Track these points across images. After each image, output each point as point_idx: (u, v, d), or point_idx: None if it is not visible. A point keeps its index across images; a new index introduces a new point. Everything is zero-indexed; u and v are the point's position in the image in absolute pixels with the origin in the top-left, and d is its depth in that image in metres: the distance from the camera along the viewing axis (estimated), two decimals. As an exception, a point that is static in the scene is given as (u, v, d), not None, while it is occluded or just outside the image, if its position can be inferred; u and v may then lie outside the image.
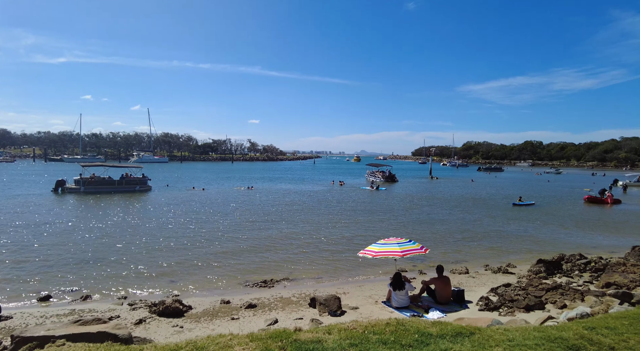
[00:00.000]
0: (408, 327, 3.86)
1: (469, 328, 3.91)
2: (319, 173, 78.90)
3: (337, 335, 3.63)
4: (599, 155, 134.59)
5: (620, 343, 3.53)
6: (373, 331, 3.70)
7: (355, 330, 3.74)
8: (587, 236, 20.71)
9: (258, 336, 3.52)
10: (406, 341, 3.48)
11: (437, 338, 3.61)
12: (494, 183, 58.99)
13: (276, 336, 3.52)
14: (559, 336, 3.59)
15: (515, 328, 4.07)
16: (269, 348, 3.20)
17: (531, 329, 3.95)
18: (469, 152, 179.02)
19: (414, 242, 10.32)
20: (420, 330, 3.76)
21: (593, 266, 13.37)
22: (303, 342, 3.35)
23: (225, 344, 3.27)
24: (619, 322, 4.05)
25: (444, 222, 23.82)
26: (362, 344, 3.42)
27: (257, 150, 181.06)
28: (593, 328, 3.91)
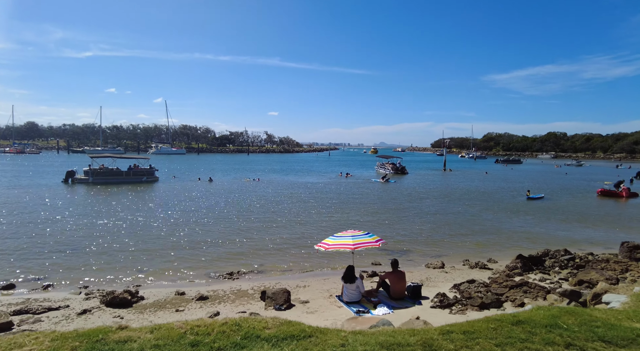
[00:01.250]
0: (244, 327, 3.66)
1: (313, 331, 3.66)
2: (330, 165, 78.62)
3: (156, 333, 3.47)
4: (628, 147, 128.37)
5: (460, 349, 3.20)
6: (197, 332, 3.52)
7: (179, 329, 3.58)
8: (588, 231, 19.77)
9: (66, 335, 3.41)
10: (221, 344, 3.29)
11: (261, 341, 3.40)
12: (508, 176, 57.19)
13: (89, 334, 3.41)
14: (399, 343, 3.29)
15: (371, 331, 3.79)
16: (59, 348, 3.09)
17: (387, 332, 3.67)
18: (490, 143, 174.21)
19: (371, 235, 10.03)
20: (251, 332, 3.55)
21: (575, 263, 12.71)
22: (107, 342, 3.22)
23: (20, 343, 3.19)
24: (485, 326, 3.71)
25: (440, 215, 23.23)
26: (169, 345, 3.26)
27: (274, 142, 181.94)
28: (451, 331, 3.59)
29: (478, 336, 3.48)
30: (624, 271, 11.44)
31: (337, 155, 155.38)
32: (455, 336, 3.48)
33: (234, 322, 3.82)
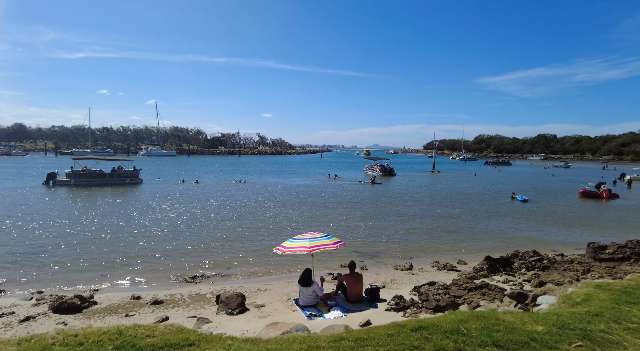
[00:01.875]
0: (124, 336, 3.51)
1: (197, 339, 3.53)
2: (320, 167, 78.51)
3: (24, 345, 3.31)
4: (615, 149, 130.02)
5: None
6: (68, 343, 3.35)
7: (50, 339, 3.42)
8: (564, 233, 19.85)
9: None
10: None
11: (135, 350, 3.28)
12: (495, 177, 57.53)
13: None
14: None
15: (265, 340, 3.66)
16: None
17: (277, 340, 3.54)
18: (481, 145, 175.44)
19: (329, 237, 9.90)
20: (128, 341, 3.40)
21: (541, 265, 12.71)
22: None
23: None
24: (384, 332, 3.60)
25: (419, 216, 23.20)
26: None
27: (266, 144, 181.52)
28: (343, 339, 3.47)
29: (369, 343, 3.36)
30: (586, 271, 11.45)
31: (329, 157, 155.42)
32: (345, 344, 3.36)
33: (117, 330, 3.67)
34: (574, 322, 3.82)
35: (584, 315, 4.00)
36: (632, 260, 12.18)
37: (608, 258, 12.42)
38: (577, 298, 4.70)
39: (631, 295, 4.57)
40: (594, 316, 3.98)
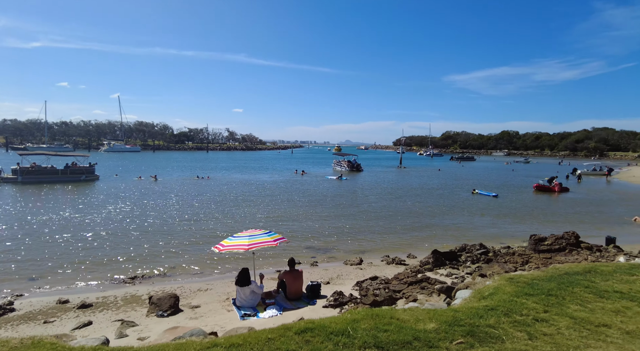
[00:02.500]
0: None
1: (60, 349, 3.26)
2: (289, 163, 78.06)
3: None
4: (571, 145, 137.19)
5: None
6: None
7: None
8: (514, 225, 20.55)
9: None
10: None
11: None
12: (459, 173, 59.19)
13: None
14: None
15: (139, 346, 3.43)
16: None
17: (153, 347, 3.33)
18: (448, 141, 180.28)
19: (270, 234, 9.66)
20: None
21: (486, 257, 13.05)
22: None
23: None
24: (265, 336, 3.45)
25: (378, 211, 23.38)
26: None
27: (236, 140, 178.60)
28: (216, 345, 3.30)
29: (242, 349, 3.18)
30: (525, 263, 11.85)
31: (300, 153, 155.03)
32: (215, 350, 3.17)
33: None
34: (467, 318, 3.81)
35: (480, 310, 4.00)
36: (567, 250, 12.73)
37: (546, 249, 12.92)
38: (487, 292, 4.73)
39: (534, 287, 4.65)
40: (488, 311, 3.99)
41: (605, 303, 4.10)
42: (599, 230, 19.54)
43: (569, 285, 4.68)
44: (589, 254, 12.45)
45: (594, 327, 3.69)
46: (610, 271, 5.39)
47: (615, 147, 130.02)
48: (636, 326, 3.71)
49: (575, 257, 12.12)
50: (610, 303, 4.10)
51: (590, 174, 54.82)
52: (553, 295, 4.29)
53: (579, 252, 12.62)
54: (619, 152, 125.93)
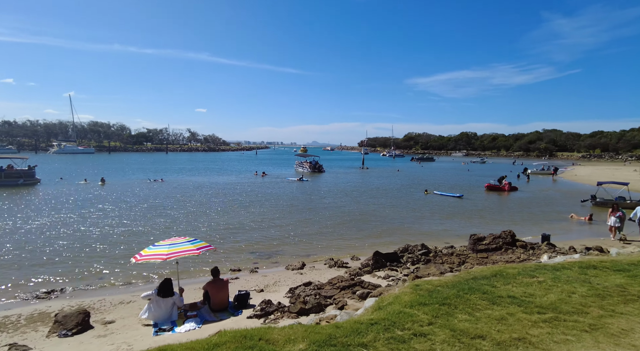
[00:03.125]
0: None
1: None
2: (251, 164, 76.79)
3: None
4: (524, 146, 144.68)
5: None
6: None
7: None
8: (461, 225, 21.02)
9: None
10: None
11: None
12: (417, 173, 60.55)
13: None
14: None
15: None
16: None
17: None
18: (410, 143, 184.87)
19: (195, 241, 9.11)
20: None
21: (426, 258, 13.12)
22: None
23: None
24: None
25: (331, 213, 23.21)
26: None
27: (198, 140, 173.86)
28: None
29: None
30: (461, 263, 12.00)
31: (265, 154, 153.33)
32: None
33: None
34: (343, 336, 3.56)
35: (362, 325, 3.78)
36: (503, 249, 13.06)
37: (484, 248, 13.19)
38: (385, 301, 4.52)
39: (433, 294, 4.50)
40: (370, 326, 3.78)
41: (493, 310, 4.00)
42: (539, 227, 20.40)
43: (469, 292, 4.57)
44: (522, 252, 12.83)
45: (469, 340, 3.55)
46: (514, 273, 5.36)
47: (563, 148, 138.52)
48: (509, 336, 3.61)
49: (509, 256, 12.44)
50: (498, 310, 4.00)
51: (539, 173, 57.85)
52: (447, 304, 4.15)
53: (514, 250, 12.98)
54: (566, 152, 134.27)
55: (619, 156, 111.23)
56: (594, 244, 15.89)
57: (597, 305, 4.04)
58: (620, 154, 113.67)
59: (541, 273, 5.39)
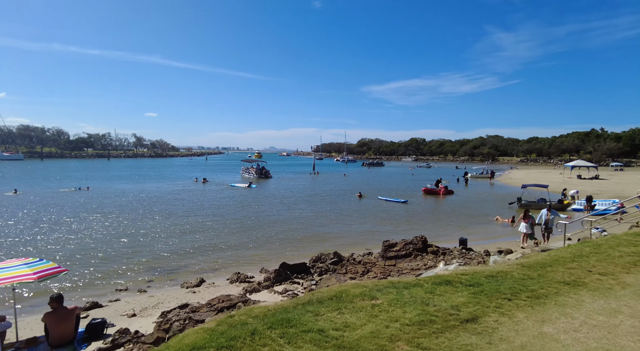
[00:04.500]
0: None
1: None
2: (195, 170, 73.67)
3: None
4: (469, 151, 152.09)
5: None
6: None
7: None
8: (388, 230, 20.76)
9: None
10: None
11: None
12: (363, 178, 60.98)
13: None
14: None
15: None
16: None
17: None
18: (363, 148, 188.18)
19: (38, 263, 7.66)
20: None
21: (334, 267, 12.44)
22: None
23: None
24: None
25: (260, 221, 22.13)
26: None
27: (144, 146, 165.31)
28: None
29: None
30: (366, 272, 11.41)
31: (216, 160, 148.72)
32: None
33: None
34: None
35: None
36: (413, 255, 12.68)
37: (393, 255, 12.74)
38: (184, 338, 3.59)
39: (227, 332, 3.62)
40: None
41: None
42: (464, 230, 20.64)
43: (278, 324, 3.77)
44: (431, 258, 12.52)
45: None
46: (356, 294, 4.66)
47: (504, 153, 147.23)
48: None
49: (417, 263, 12.06)
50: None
51: (478, 177, 60.39)
52: (229, 348, 3.27)
53: (424, 256, 12.64)
54: (507, 157, 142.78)
55: (551, 160, 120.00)
56: (508, 247, 16.13)
57: (407, 338, 3.38)
58: (552, 158, 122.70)
59: (388, 292, 4.73)
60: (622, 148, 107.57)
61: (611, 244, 7.53)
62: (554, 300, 4.37)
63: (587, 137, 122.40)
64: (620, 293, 4.64)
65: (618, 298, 4.49)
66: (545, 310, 4.08)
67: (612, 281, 5.08)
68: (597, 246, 7.44)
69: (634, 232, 9.28)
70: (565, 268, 5.76)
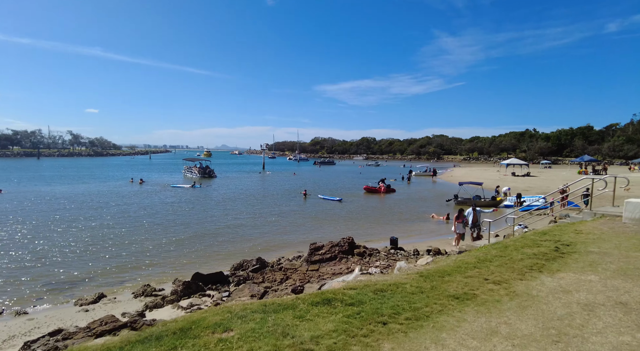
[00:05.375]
0: None
1: None
2: (134, 170, 69.13)
3: None
4: (416, 150, 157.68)
5: None
6: None
7: None
8: (325, 230, 20.22)
9: None
10: None
11: None
12: (311, 176, 60.56)
13: None
14: None
15: None
16: None
17: None
18: (316, 147, 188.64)
19: None
20: None
21: (254, 275, 11.56)
22: None
23: None
24: None
25: (186, 225, 20.66)
26: None
27: (82, 144, 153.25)
28: None
29: None
30: (284, 280, 10.67)
31: (162, 159, 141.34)
32: None
33: None
34: None
35: None
36: (337, 258, 12.14)
37: (318, 259, 12.12)
38: None
39: None
40: None
41: None
42: (399, 228, 20.66)
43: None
44: (356, 261, 12.05)
45: None
46: (210, 324, 3.83)
47: (449, 151, 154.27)
48: None
49: (340, 266, 11.53)
50: None
51: (421, 175, 62.32)
52: None
53: (348, 259, 12.14)
54: (451, 155, 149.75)
55: (491, 158, 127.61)
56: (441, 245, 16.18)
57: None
58: (492, 157, 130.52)
59: (250, 319, 3.95)
60: (551, 148, 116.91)
61: (517, 245, 7.35)
62: (434, 322, 3.84)
63: (522, 137, 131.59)
64: (505, 307, 4.24)
65: (501, 314, 4.06)
66: (418, 337, 3.51)
67: (503, 291, 4.70)
68: (504, 248, 7.23)
69: (541, 230, 9.34)
70: (463, 277, 5.34)
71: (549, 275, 5.29)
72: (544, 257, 6.36)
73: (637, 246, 6.84)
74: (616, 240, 7.38)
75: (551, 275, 5.28)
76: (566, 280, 5.12)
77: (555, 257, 6.33)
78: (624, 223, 9.37)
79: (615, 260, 6.05)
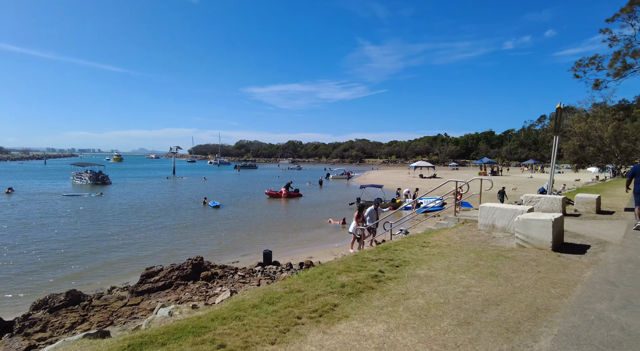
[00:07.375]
0: None
1: None
2: (10, 177, 59.08)
3: None
4: (340, 153, 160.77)
5: None
6: None
7: None
8: (202, 245, 17.72)
9: None
10: None
11: None
12: (224, 181, 57.07)
13: None
14: None
15: None
16: None
17: None
18: (242, 150, 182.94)
19: None
20: None
21: (48, 319, 8.70)
22: None
23: None
24: None
25: (65, 241, 16.65)
26: None
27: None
28: None
29: None
30: (82, 321, 8.02)
31: (60, 164, 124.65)
32: None
33: None
34: None
35: None
36: (174, 286, 9.80)
37: (148, 288, 9.65)
38: None
39: None
40: None
41: None
42: (289, 237, 19.01)
43: None
44: (199, 286, 9.81)
45: None
46: None
47: (370, 155, 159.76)
48: None
49: (172, 296, 9.20)
50: None
51: (338, 178, 62.35)
52: None
53: (187, 286, 9.85)
54: (372, 158, 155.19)
55: (407, 161, 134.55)
56: (324, 256, 14.71)
57: None
58: (408, 160, 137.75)
59: None
60: (460, 151, 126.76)
61: (337, 269, 5.74)
62: None
63: (434, 141, 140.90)
64: None
65: None
66: None
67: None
68: (318, 274, 5.58)
69: (394, 242, 8.06)
70: (188, 346, 3.36)
71: (325, 328, 3.61)
72: (353, 288, 4.78)
73: (467, 264, 5.65)
74: (454, 256, 6.18)
75: (327, 329, 3.61)
76: (339, 337, 3.45)
77: (364, 288, 4.78)
78: (479, 230, 8.49)
79: (433, 288, 4.67)
